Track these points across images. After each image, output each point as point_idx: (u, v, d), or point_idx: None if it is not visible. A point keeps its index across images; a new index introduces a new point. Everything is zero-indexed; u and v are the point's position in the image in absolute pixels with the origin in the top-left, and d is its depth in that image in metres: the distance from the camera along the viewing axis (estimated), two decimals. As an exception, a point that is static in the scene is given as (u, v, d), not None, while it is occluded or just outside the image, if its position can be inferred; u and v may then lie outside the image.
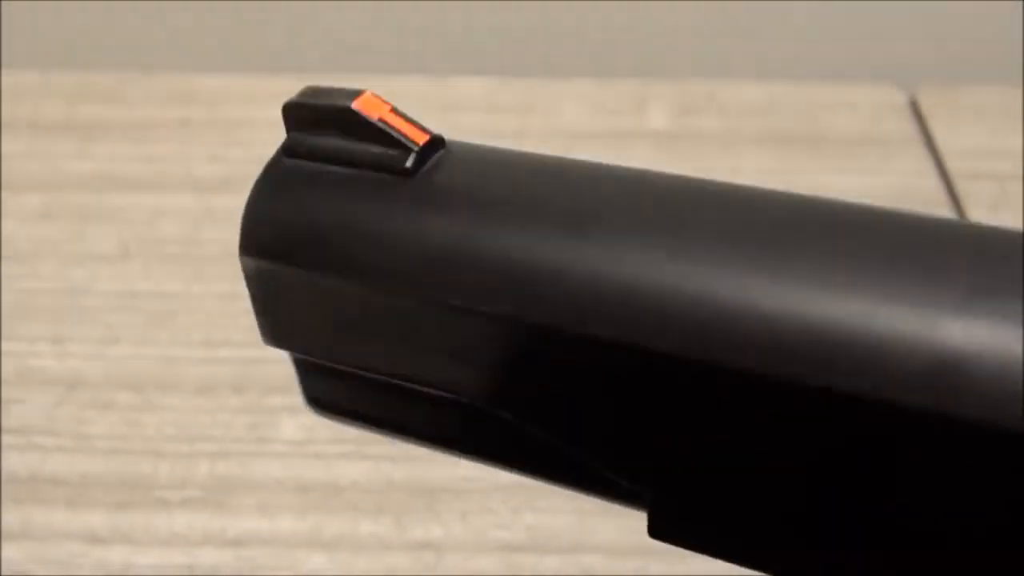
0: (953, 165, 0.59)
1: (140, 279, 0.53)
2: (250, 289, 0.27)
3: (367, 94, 0.25)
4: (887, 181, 0.59)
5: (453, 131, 0.62)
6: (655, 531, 0.23)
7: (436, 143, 0.25)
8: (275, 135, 0.63)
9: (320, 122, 0.25)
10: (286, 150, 0.26)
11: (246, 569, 0.43)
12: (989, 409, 0.18)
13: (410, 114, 0.25)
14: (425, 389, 0.25)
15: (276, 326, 0.27)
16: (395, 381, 0.25)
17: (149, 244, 0.55)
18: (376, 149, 0.25)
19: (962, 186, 0.58)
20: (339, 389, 0.27)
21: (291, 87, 0.66)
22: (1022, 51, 0.68)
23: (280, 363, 0.49)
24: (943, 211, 0.57)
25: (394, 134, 0.25)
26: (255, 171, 0.58)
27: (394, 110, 0.25)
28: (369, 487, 0.45)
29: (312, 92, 0.26)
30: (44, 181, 0.58)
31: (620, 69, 0.66)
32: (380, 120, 0.25)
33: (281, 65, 0.66)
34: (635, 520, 0.44)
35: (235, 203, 0.56)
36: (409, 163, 0.25)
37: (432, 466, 0.45)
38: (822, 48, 0.68)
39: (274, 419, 0.47)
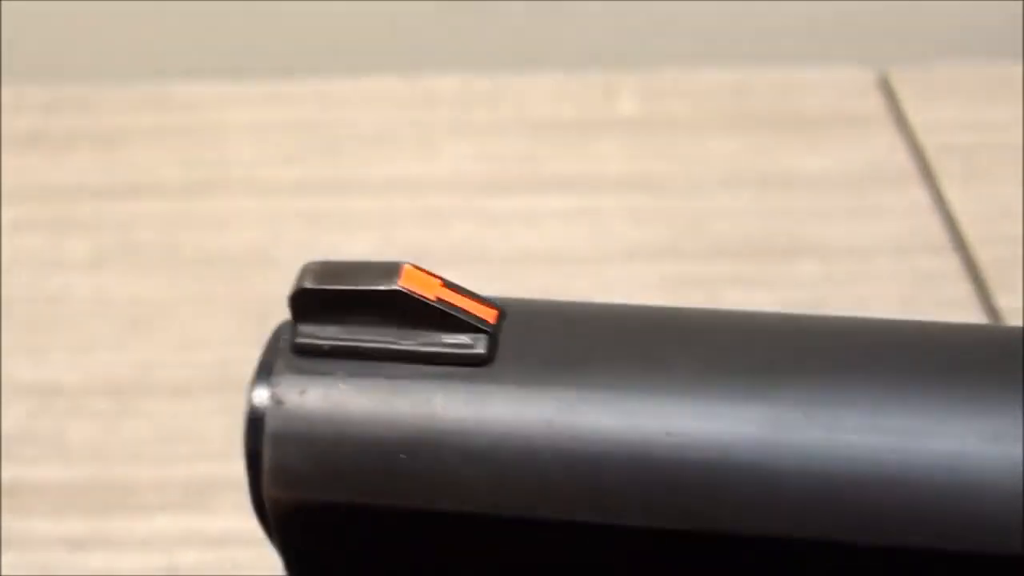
0: (925, 141, 0.60)
1: (115, 286, 0.53)
2: (278, 526, 0.22)
3: (407, 268, 0.21)
4: (859, 160, 0.59)
5: (429, 128, 0.62)
6: None
7: (502, 315, 0.21)
8: (247, 138, 0.63)
9: (345, 309, 0.21)
10: (299, 349, 0.21)
11: (227, 569, 0.43)
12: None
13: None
14: None
15: (313, 565, 0.22)
16: None
17: (124, 251, 0.55)
18: (434, 336, 0.20)
19: (935, 161, 0.58)
20: None
21: (261, 91, 0.66)
22: (991, 25, 0.68)
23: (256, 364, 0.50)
24: (916, 186, 0.57)
25: (459, 315, 0.20)
26: (228, 175, 0.59)
27: (446, 283, 0.21)
28: None
29: (325, 271, 0.21)
30: (16, 193, 0.58)
31: (588, 59, 0.66)
32: (439, 301, 0.20)
33: (251, 69, 0.66)
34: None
35: (209, 207, 0.57)
36: (484, 348, 0.20)
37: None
38: (790, 31, 0.68)
39: (251, 419, 0.47)
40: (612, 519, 0.19)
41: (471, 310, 0.20)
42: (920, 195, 0.57)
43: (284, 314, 0.51)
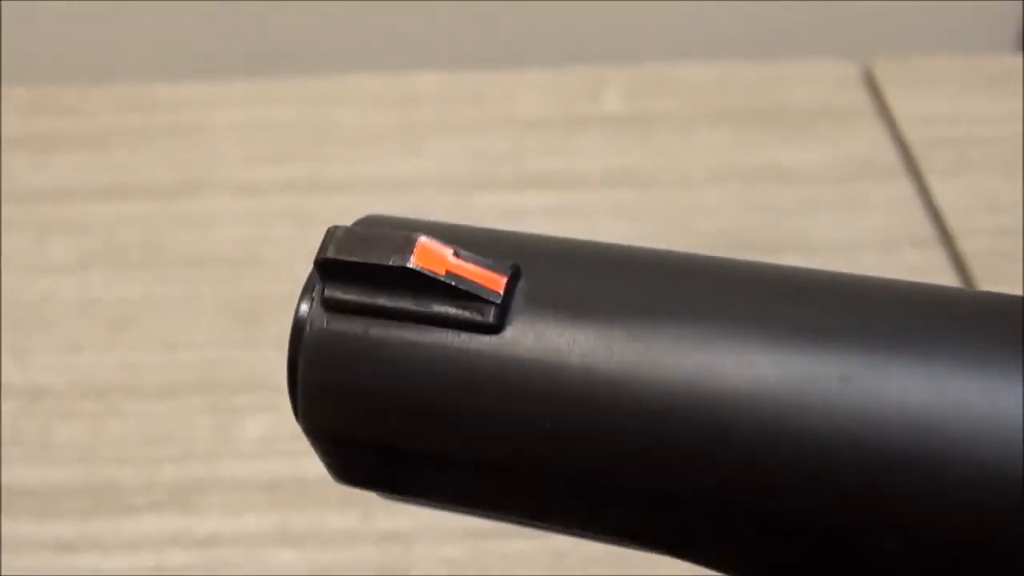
0: (910, 134, 0.60)
1: (100, 287, 0.53)
2: (314, 444, 0.24)
3: (422, 243, 0.22)
4: (844, 153, 0.59)
5: (414, 125, 0.62)
6: None
7: (513, 279, 0.22)
8: (232, 138, 0.63)
9: (366, 276, 0.22)
10: (327, 304, 0.23)
11: (214, 568, 0.43)
12: None
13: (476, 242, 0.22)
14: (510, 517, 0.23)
15: (345, 471, 0.24)
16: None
17: (109, 252, 0.55)
18: (448, 305, 0.22)
19: (920, 154, 0.59)
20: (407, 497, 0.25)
21: (246, 91, 0.66)
22: (974, 19, 0.68)
23: (242, 364, 0.50)
24: (901, 179, 0.57)
25: (469, 288, 0.22)
26: (213, 175, 0.58)
27: (457, 253, 0.22)
28: (335, 481, 0.45)
29: (347, 242, 0.23)
30: (2, 195, 0.58)
31: (573, 56, 0.66)
32: (449, 275, 0.22)
33: (236, 69, 0.66)
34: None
35: (195, 207, 0.57)
36: (492, 318, 0.22)
37: (397, 457, 0.46)
38: (775, 25, 0.68)
39: (238, 419, 0.47)
40: (608, 476, 0.21)
41: (481, 282, 0.22)
42: (905, 188, 0.57)
43: (271, 314, 0.51)
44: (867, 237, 0.54)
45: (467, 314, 0.22)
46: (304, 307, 0.23)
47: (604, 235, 0.56)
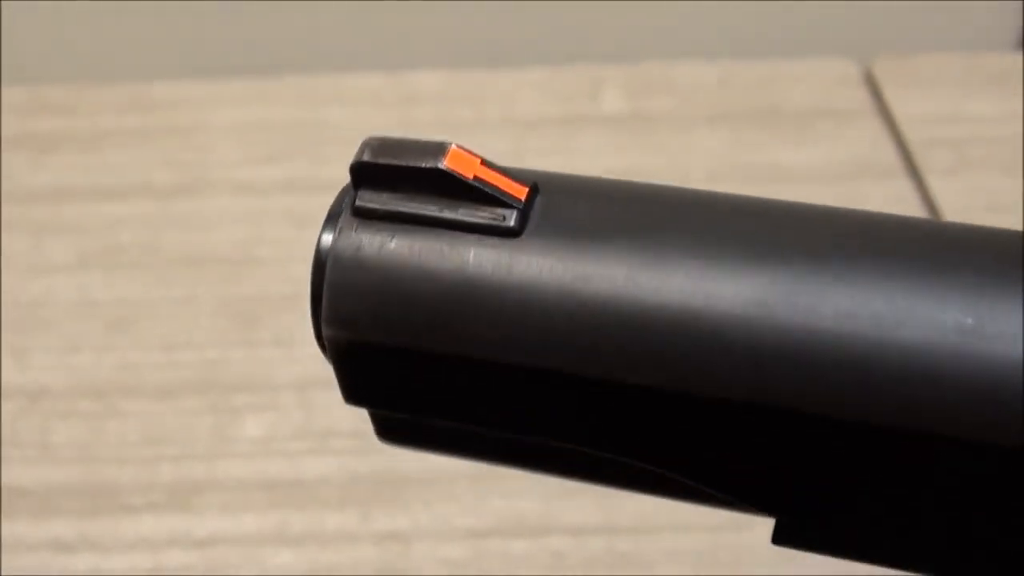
0: (910, 133, 0.60)
1: (99, 287, 0.53)
2: (334, 357, 0.24)
3: (453, 149, 0.23)
4: (844, 153, 0.59)
5: (411, 125, 0.62)
6: (779, 540, 0.23)
7: (533, 191, 0.24)
8: (230, 138, 0.63)
9: (398, 181, 0.23)
10: (357, 211, 0.24)
11: (213, 569, 0.43)
12: None
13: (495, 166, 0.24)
14: (528, 438, 0.24)
15: (359, 388, 0.25)
16: (494, 432, 0.24)
17: (107, 252, 0.55)
18: (473, 209, 0.23)
19: (919, 153, 0.58)
20: (418, 431, 0.25)
21: (244, 90, 0.66)
22: (974, 18, 0.68)
23: (241, 364, 0.50)
24: (900, 178, 0.57)
25: (493, 192, 0.23)
26: (211, 175, 0.58)
27: (485, 162, 0.23)
28: (334, 481, 0.45)
29: (382, 147, 0.24)
30: (1, 195, 0.58)
31: (572, 56, 0.66)
32: (476, 179, 0.23)
33: (233, 69, 0.66)
34: (600, 498, 0.44)
35: (192, 207, 0.57)
36: (513, 222, 0.23)
37: (396, 458, 0.45)
38: (774, 24, 0.68)
39: (237, 419, 0.47)
40: (614, 374, 0.22)
41: (505, 188, 0.23)
42: (905, 187, 0.57)
43: (269, 314, 0.51)
44: (867, 236, 0.54)
45: (490, 217, 0.23)
46: (327, 237, 0.24)
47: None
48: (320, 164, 0.58)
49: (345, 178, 0.25)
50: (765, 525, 0.22)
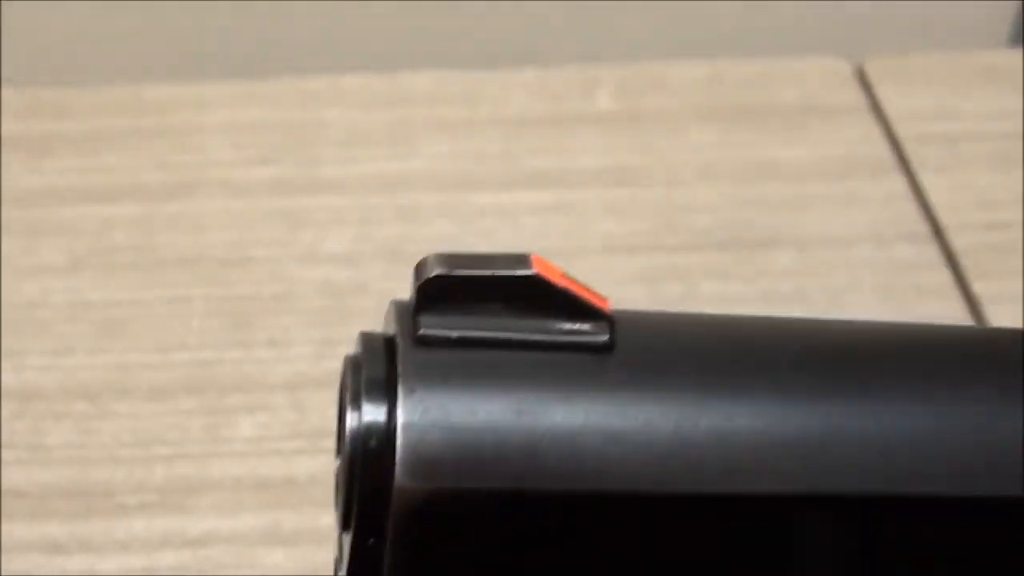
0: (902, 131, 0.60)
1: (91, 289, 0.53)
2: (397, 535, 0.21)
3: (535, 257, 0.21)
4: (836, 150, 0.59)
5: (405, 125, 0.62)
6: None
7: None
8: (223, 139, 0.63)
9: (471, 298, 0.21)
10: (420, 341, 0.21)
11: (207, 569, 0.43)
12: None
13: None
14: None
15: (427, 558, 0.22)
16: None
17: (100, 254, 0.55)
18: (558, 324, 0.21)
19: (912, 150, 0.59)
20: None
21: (237, 91, 0.66)
22: (966, 15, 0.68)
23: (234, 363, 0.50)
24: (893, 175, 0.57)
25: (586, 303, 0.21)
26: (204, 176, 0.58)
27: (564, 274, 0.21)
28: (328, 481, 0.45)
29: (454, 262, 0.21)
30: (-7, 197, 0.58)
31: (565, 55, 0.66)
32: (567, 288, 0.21)
33: (226, 69, 0.66)
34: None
35: (186, 208, 0.57)
36: (607, 336, 0.21)
37: (390, 456, 0.45)
38: (766, 22, 0.68)
39: (230, 419, 0.47)
40: (745, 488, 0.21)
41: (591, 299, 0.21)
42: (897, 184, 0.57)
43: (262, 315, 0.51)
44: (859, 233, 0.54)
45: (584, 331, 0.21)
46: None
47: (596, 233, 0.57)
48: (313, 165, 0.58)
49: (340, 178, 0.24)
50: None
